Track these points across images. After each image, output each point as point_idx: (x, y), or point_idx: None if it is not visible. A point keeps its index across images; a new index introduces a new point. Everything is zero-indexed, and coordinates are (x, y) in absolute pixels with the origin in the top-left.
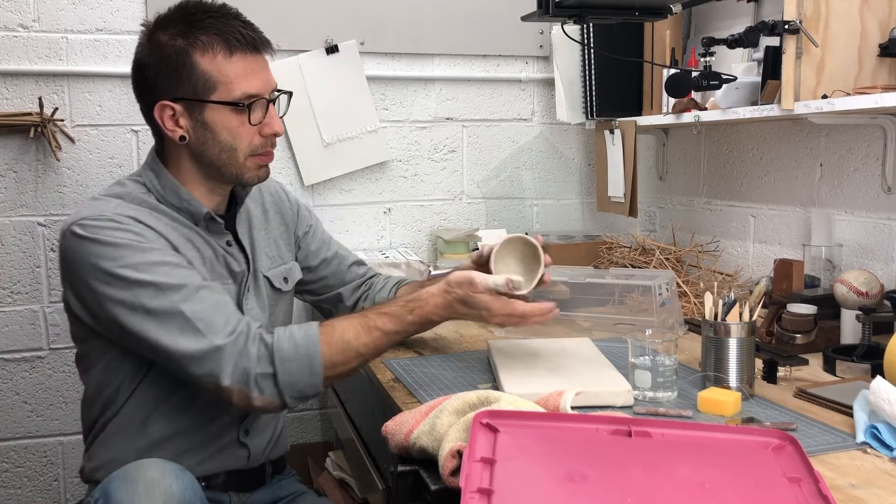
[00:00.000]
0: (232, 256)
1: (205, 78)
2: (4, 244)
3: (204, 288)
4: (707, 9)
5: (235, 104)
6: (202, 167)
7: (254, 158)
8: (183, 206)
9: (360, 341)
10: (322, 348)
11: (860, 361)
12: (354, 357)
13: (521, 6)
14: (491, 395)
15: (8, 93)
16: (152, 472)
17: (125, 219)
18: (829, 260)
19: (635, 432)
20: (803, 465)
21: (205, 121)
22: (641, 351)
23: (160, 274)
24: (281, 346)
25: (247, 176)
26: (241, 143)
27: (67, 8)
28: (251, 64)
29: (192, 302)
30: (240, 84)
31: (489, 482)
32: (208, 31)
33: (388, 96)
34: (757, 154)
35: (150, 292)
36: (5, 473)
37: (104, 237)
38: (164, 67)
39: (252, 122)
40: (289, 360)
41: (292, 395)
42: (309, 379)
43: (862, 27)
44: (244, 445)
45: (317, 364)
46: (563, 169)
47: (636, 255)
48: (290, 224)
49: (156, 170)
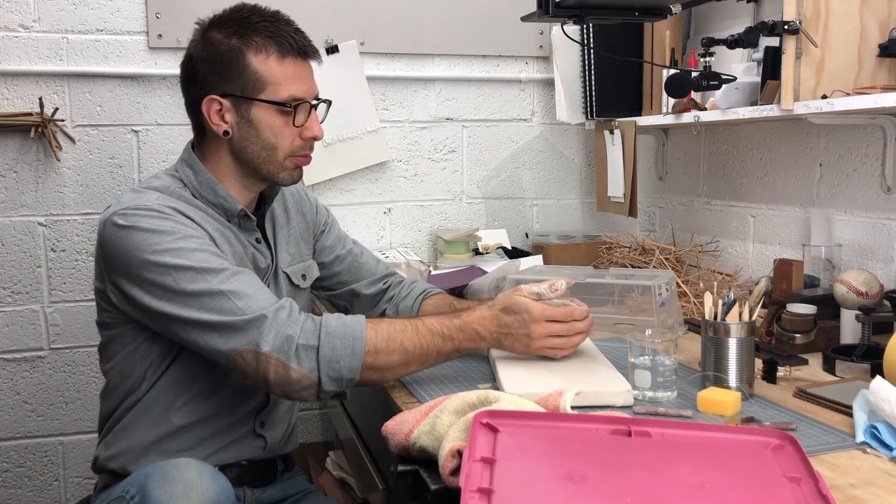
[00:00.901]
0: (260, 253)
1: (255, 77)
2: (5, 244)
3: (241, 273)
4: (707, 9)
5: (282, 104)
6: (240, 164)
7: (292, 159)
8: (218, 202)
9: (406, 335)
10: (368, 332)
11: (860, 361)
12: (398, 349)
13: (521, 6)
14: (491, 395)
15: (8, 93)
16: (190, 474)
17: (166, 209)
18: (828, 260)
19: (635, 432)
20: (803, 464)
21: (250, 118)
22: (641, 351)
23: (199, 259)
24: (329, 322)
25: (282, 175)
26: (282, 142)
27: (68, 8)
28: (300, 69)
29: (231, 283)
30: (288, 86)
31: (489, 482)
32: (262, 34)
33: (388, 96)
34: (757, 154)
35: (189, 275)
36: (5, 473)
37: (145, 225)
38: (217, 63)
39: (295, 123)
40: (334, 336)
41: (329, 375)
42: (350, 360)
43: (862, 27)
44: (260, 436)
45: (359, 345)
46: (563, 169)
47: (636, 255)
48: (311, 223)
49: (192, 165)
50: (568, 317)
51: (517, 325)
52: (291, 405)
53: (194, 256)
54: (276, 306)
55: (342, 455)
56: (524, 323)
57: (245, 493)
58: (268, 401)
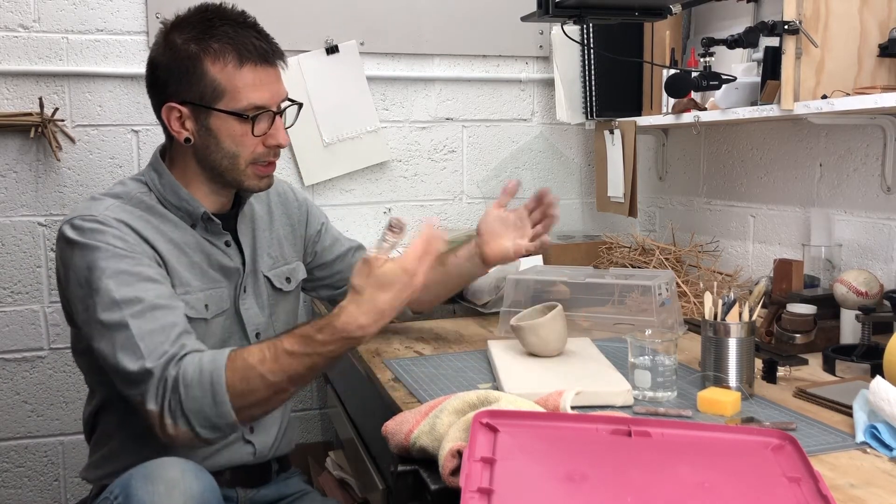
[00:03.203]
0: (228, 256)
1: (213, 85)
2: (5, 244)
3: (159, 308)
4: (707, 9)
5: (240, 115)
6: (205, 170)
7: (255, 167)
8: (182, 206)
9: (266, 366)
10: (227, 374)
11: (860, 361)
12: (261, 384)
13: (521, 6)
14: (491, 395)
15: (8, 93)
16: (173, 472)
17: (112, 221)
18: (828, 260)
19: (635, 432)
20: (803, 464)
21: (209, 127)
22: (641, 351)
23: (121, 283)
24: (186, 372)
25: (247, 183)
26: (243, 151)
27: (68, 8)
28: (261, 75)
29: (142, 319)
30: (247, 95)
31: (489, 482)
32: (221, 40)
33: (388, 96)
34: (757, 154)
35: (105, 302)
36: (5, 473)
37: (84, 239)
38: (175, 69)
39: (255, 133)
40: (192, 387)
41: (202, 425)
42: (214, 408)
43: (861, 27)
44: (249, 442)
45: (220, 390)
46: (563, 169)
47: (636, 255)
48: (297, 225)
49: (158, 169)
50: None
51: (403, 291)
52: (283, 410)
53: (118, 279)
54: (166, 357)
55: (342, 455)
56: (407, 283)
57: (238, 494)
58: None
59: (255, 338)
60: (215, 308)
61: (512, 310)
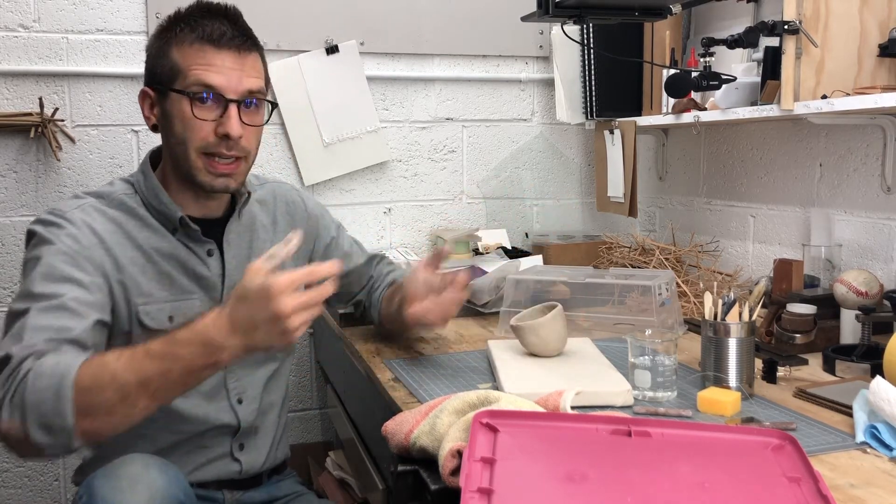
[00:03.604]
0: (206, 266)
1: (170, 65)
2: (4, 244)
3: (66, 310)
4: (707, 9)
5: (185, 92)
6: (171, 161)
7: (207, 160)
8: (161, 210)
9: (120, 363)
10: (79, 369)
11: (860, 361)
12: (109, 383)
13: (521, 6)
14: (491, 395)
15: (8, 93)
16: (135, 467)
17: (77, 220)
18: (828, 260)
19: (635, 432)
20: (803, 464)
21: (166, 109)
22: (641, 351)
23: (46, 278)
24: (43, 364)
25: (200, 178)
26: (191, 136)
27: (68, 8)
28: (218, 57)
29: (43, 314)
30: (197, 73)
31: (489, 482)
32: (189, 23)
33: (388, 96)
34: (757, 154)
35: (24, 290)
36: (5, 473)
37: (41, 231)
38: (151, 56)
39: (196, 113)
40: (41, 377)
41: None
42: (54, 402)
43: (861, 27)
44: (237, 460)
45: (66, 385)
46: (563, 169)
47: (636, 255)
48: (305, 239)
49: (144, 170)
50: (312, 277)
51: (259, 312)
52: (276, 425)
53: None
54: (32, 351)
55: (342, 455)
56: (264, 305)
57: (224, 496)
58: (240, 422)
59: None
60: (182, 320)
61: (512, 310)
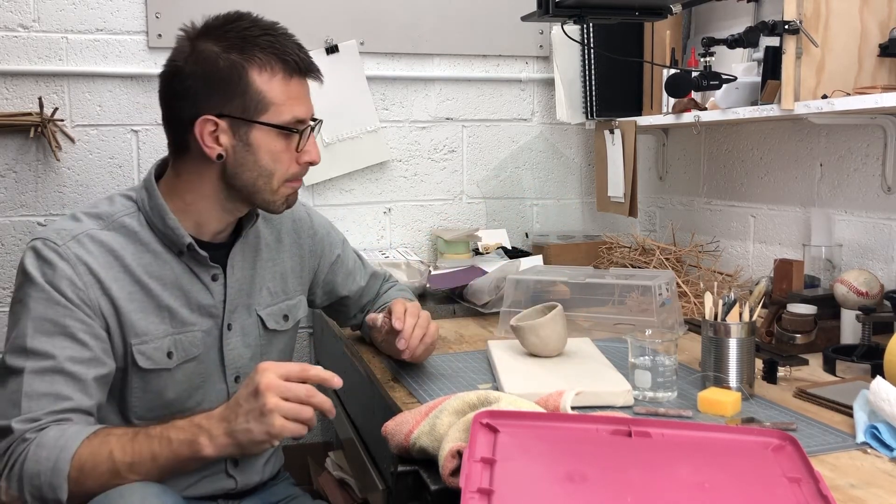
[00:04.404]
0: (210, 293)
1: (259, 97)
2: (4, 244)
3: (62, 374)
4: (707, 9)
5: (285, 128)
6: (230, 189)
7: (289, 184)
8: (166, 233)
9: (120, 442)
10: (83, 443)
11: (860, 361)
12: (105, 461)
13: (521, 6)
14: (491, 395)
15: (8, 93)
16: (134, 499)
17: (72, 257)
18: (829, 260)
19: (635, 432)
20: (803, 465)
21: (250, 141)
22: (641, 351)
23: (39, 331)
24: (46, 435)
25: (277, 203)
26: (280, 168)
27: (67, 8)
28: (303, 88)
29: (38, 378)
30: (292, 107)
31: (489, 482)
32: (266, 50)
33: (388, 96)
34: (757, 154)
35: (16, 346)
36: None
37: (33, 270)
38: (214, 80)
39: (299, 148)
40: (43, 447)
41: (31, 493)
42: (50, 474)
43: (862, 27)
44: (231, 477)
45: (65, 458)
46: (563, 169)
47: (636, 255)
48: (309, 257)
49: (149, 188)
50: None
51: (242, 391)
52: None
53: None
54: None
55: (342, 455)
56: (248, 383)
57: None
58: None
59: (235, 382)
60: (182, 354)
61: (512, 310)
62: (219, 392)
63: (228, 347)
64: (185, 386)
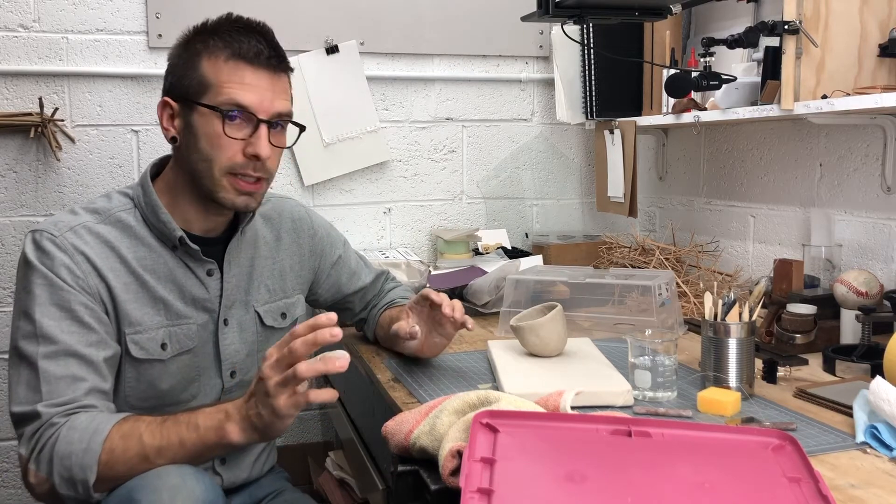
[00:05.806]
0: (205, 288)
1: (200, 78)
2: (4, 244)
3: (74, 356)
4: (707, 9)
5: (218, 109)
6: (187, 175)
7: (232, 178)
8: (159, 227)
9: (150, 427)
10: (113, 427)
11: (860, 361)
12: (136, 445)
13: (521, 6)
14: (491, 395)
15: (8, 93)
16: (173, 479)
17: (69, 247)
18: (828, 260)
19: (635, 432)
20: (803, 465)
21: (191, 123)
22: (641, 351)
23: (47, 315)
24: (77, 419)
25: (221, 195)
26: (218, 154)
27: (68, 8)
28: (252, 76)
29: (52, 362)
30: (230, 90)
31: (489, 482)
32: (223, 37)
33: (388, 96)
34: (757, 154)
35: (26, 331)
36: (5, 473)
37: (34, 259)
38: (176, 66)
39: (228, 132)
40: (75, 429)
41: (61, 474)
42: (82, 456)
43: (862, 27)
44: (217, 474)
45: (97, 440)
46: (563, 169)
47: (636, 255)
48: (309, 257)
49: (144, 184)
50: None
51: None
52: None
53: (47, 311)
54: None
55: (342, 455)
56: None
57: None
58: None
59: (230, 377)
60: (177, 346)
61: (512, 310)
62: (214, 386)
63: (224, 342)
64: (179, 378)
